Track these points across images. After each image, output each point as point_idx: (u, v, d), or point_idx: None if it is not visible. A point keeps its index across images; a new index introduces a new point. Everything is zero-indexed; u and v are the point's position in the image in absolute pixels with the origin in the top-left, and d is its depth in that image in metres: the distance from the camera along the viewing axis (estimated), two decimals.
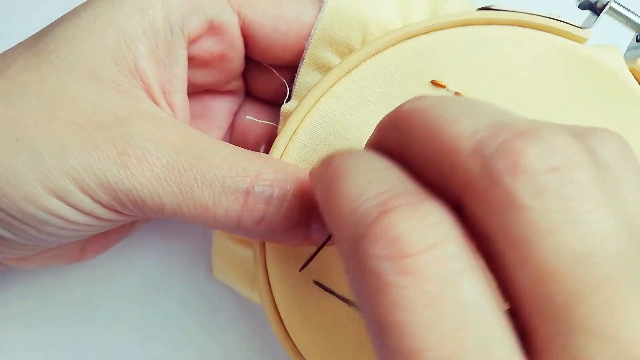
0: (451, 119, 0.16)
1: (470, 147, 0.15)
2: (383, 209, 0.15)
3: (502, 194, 0.14)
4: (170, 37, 0.25)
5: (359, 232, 0.15)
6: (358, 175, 0.17)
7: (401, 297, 0.14)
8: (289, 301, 0.29)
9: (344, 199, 0.17)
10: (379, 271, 0.14)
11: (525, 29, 0.27)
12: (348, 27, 0.27)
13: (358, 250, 0.15)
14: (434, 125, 0.17)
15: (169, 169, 0.23)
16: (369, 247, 0.15)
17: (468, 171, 0.15)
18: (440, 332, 0.14)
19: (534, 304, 0.14)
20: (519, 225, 0.14)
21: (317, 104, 0.27)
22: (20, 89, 0.23)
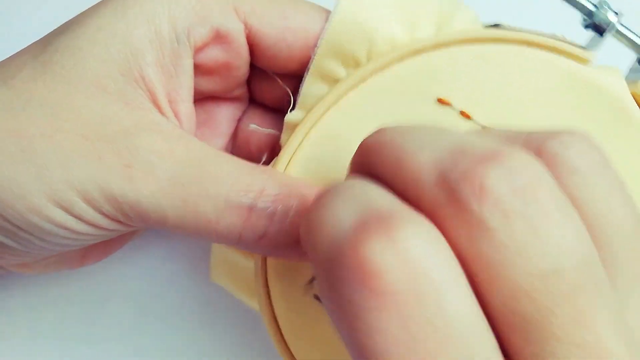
0: (412, 150, 0.17)
1: (434, 176, 0.16)
2: (355, 238, 0.15)
3: (469, 219, 0.15)
4: (176, 46, 0.25)
5: (332, 260, 0.15)
6: (336, 203, 0.17)
7: (376, 321, 0.14)
8: (289, 315, 0.29)
9: (320, 227, 0.17)
10: (352, 298, 0.15)
11: (531, 48, 0.27)
12: (354, 39, 0.27)
13: (331, 277, 0.15)
14: (397, 157, 0.17)
15: (174, 182, 0.23)
16: (342, 274, 0.15)
17: (434, 200, 0.16)
18: (425, 351, 0.14)
19: (507, 318, 0.15)
20: (488, 247, 0.15)
21: (322, 118, 0.27)
22: (26, 100, 0.23)
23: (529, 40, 0.27)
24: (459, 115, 0.27)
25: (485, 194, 0.15)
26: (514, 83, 0.27)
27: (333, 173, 0.28)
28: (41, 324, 0.34)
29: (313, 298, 0.29)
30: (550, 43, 0.27)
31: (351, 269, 0.15)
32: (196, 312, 0.34)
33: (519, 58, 0.27)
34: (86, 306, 0.34)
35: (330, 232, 0.16)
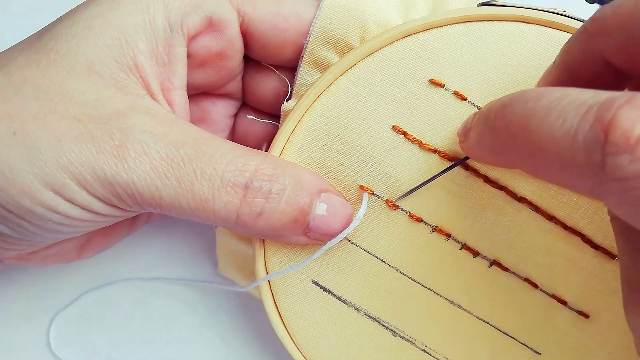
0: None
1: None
2: (605, 124, 0.16)
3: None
4: (169, 35, 0.26)
5: (596, 158, 0.16)
6: (543, 116, 0.17)
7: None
8: (289, 299, 0.28)
9: (553, 145, 0.17)
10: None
11: (528, 24, 0.26)
12: (346, 25, 0.27)
13: (610, 172, 0.15)
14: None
15: (168, 162, 0.23)
16: (621, 160, 0.15)
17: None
18: None
19: None
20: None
21: (314, 104, 0.27)
22: (19, 85, 0.23)
23: (524, 17, 0.26)
24: (453, 96, 0.26)
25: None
26: (510, 61, 0.26)
27: (327, 158, 0.27)
28: (40, 318, 0.34)
29: (312, 284, 0.28)
30: (549, 18, 0.26)
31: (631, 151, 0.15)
32: (199, 304, 0.34)
33: (514, 35, 0.26)
34: (86, 302, 0.34)
35: (565, 126, 0.16)
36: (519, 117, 0.19)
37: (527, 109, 0.19)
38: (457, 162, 0.26)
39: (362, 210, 0.26)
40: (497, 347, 0.28)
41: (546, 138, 0.17)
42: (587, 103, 0.17)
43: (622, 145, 0.15)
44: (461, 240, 0.27)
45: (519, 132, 0.19)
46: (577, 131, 0.16)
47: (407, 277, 0.28)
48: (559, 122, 0.17)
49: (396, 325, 0.28)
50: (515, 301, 0.27)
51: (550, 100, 0.18)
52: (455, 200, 0.27)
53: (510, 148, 0.19)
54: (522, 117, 0.19)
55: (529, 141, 0.18)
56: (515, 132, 0.19)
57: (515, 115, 0.19)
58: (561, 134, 0.17)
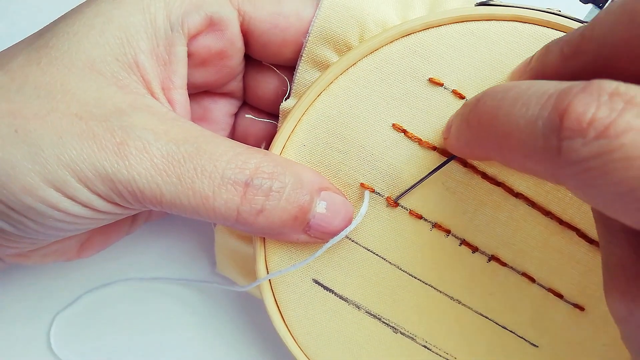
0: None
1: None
2: (561, 111, 0.16)
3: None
4: (170, 34, 0.26)
5: (552, 144, 0.16)
6: (509, 106, 0.18)
7: (631, 150, 0.15)
8: (290, 298, 0.29)
9: (517, 132, 0.18)
10: (597, 151, 0.15)
11: (524, 24, 0.26)
12: (345, 24, 0.27)
13: (565, 156, 0.16)
14: None
15: (169, 159, 0.23)
16: (574, 143, 0.16)
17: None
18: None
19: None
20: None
21: (314, 103, 0.27)
22: (20, 83, 0.23)
23: (520, 16, 0.26)
24: (452, 95, 0.27)
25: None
26: (507, 59, 0.26)
27: (327, 156, 0.27)
28: (40, 317, 0.34)
29: (313, 283, 0.28)
30: (545, 18, 0.26)
31: (581, 133, 0.16)
32: (198, 304, 0.34)
33: (511, 34, 0.26)
34: (86, 302, 0.34)
35: (526, 116, 0.17)
36: (489, 107, 0.20)
37: (497, 100, 0.20)
38: (450, 158, 0.26)
39: (364, 208, 0.27)
40: (496, 341, 0.28)
41: (511, 127, 0.18)
42: (549, 92, 0.17)
43: (575, 129, 0.16)
44: (460, 236, 0.27)
45: (489, 123, 0.20)
46: (537, 118, 0.17)
47: (408, 274, 0.28)
48: (522, 110, 0.18)
49: (397, 322, 0.29)
50: (513, 295, 0.28)
51: (517, 91, 0.19)
52: (455, 196, 0.27)
53: (483, 139, 0.21)
54: (492, 107, 0.20)
55: (497, 131, 0.19)
56: (486, 123, 0.20)
57: (486, 106, 0.20)
58: (524, 121, 0.18)
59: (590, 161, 0.16)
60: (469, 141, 0.22)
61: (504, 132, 0.19)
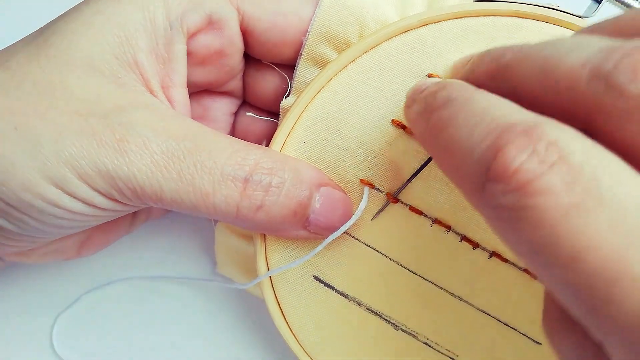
0: (557, 57, 0.17)
1: (587, 73, 0.16)
2: (497, 149, 0.16)
3: (631, 103, 0.15)
4: (169, 33, 0.26)
5: (480, 180, 0.16)
6: (461, 122, 0.18)
7: (542, 214, 0.14)
8: (290, 295, 0.29)
9: (457, 153, 0.17)
10: (511, 204, 0.15)
11: (523, 19, 0.26)
12: (345, 22, 0.27)
13: (486, 197, 0.16)
14: (541, 67, 0.18)
15: (169, 156, 0.23)
16: (495, 188, 0.15)
17: (590, 95, 0.16)
18: (598, 227, 0.14)
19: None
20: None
21: (314, 100, 0.28)
22: (20, 80, 0.23)
23: (520, 12, 0.26)
24: None
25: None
26: None
27: (327, 153, 0.27)
28: (40, 316, 0.34)
29: (314, 279, 0.28)
30: (543, 13, 0.26)
31: (503, 182, 0.15)
32: (198, 303, 0.34)
33: (510, 30, 0.26)
34: (86, 301, 0.34)
35: (466, 153, 0.17)
36: (446, 116, 0.19)
37: (455, 110, 0.19)
38: None
39: (364, 203, 0.27)
40: (498, 338, 0.28)
41: (454, 146, 0.18)
42: (497, 121, 0.17)
43: (500, 174, 0.15)
44: (461, 232, 0.27)
45: (440, 131, 0.19)
46: (475, 148, 0.17)
47: (408, 270, 0.28)
48: (467, 134, 0.17)
49: (398, 319, 0.28)
50: (515, 292, 0.28)
51: (472, 109, 0.18)
52: (455, 192, 0.27)
53: (432, 143, 0.20)
54: (446, 118, 0.19)
55: (443, 142, 0.19)
56: (438, 130, 0.19)
57: (445, 113, 0.19)
58: (466, 146, 0.17)
59: (504, 212, 0.15)
60: (421, 134, 0.21)
61: (447, 149, 0.18)
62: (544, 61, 0.18)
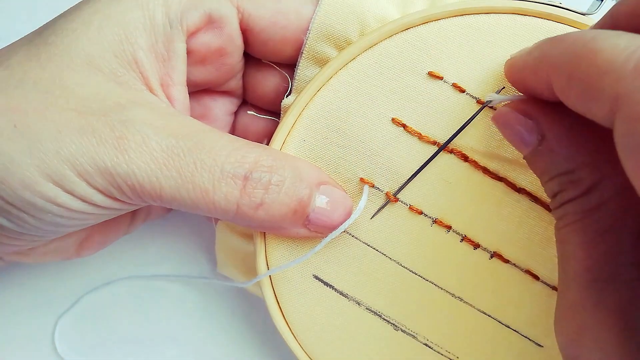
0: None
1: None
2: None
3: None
4: (169, 31, 0.26)
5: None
6: (612, 35, 0.18)
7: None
8: (290, 294, 0.28)
9: (610, 51, 0.18)
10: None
11: (525, 16, 0.26)
12: (345, 21, 0.27)
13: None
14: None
15: (169, 153, 0.23)
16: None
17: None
18: None
19: None
20: None
21: (314, 98, 0.27)
22: (19, 79, 0.23)
23: (520, 9, 0.26)
24: (452, 88, 0.26)
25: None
26: (507, 52, 0.26)
27: (327, 151, 0.27)
28: (40, 316, 0.34)
29: (313, 278, 0.28)
30: (546, 10, 0.26)
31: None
32: (198, 303, 0.34)
33: (511, 27, 0.26)
34: (87, 302, 0.34)
35: (627, 51, 0.17)
36: (590, 33, 0.19)
37: (596, 30, 0.19)
38: (443, 146, 0.26)
39: (363, 202, 0.26)
40: (499, 340, 0.28)
41: (607, 46, 0.18)
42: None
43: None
44: (462, 232, 0.27)
45: (584, 41, 0.19)
46: (636, 51, 0.17)
47: (408, 270, 0.28)
48: (626, 38, 0.18)
49: (397, 319, 0.28)
50: (516, 293, 0.27)
51: (622, 32, 0.18)
52: (456, 192, 0.27)
53: (563, 53, 0.20)
54: (593, 33, 0.19)
55: (588, 46, 0.19)
56: (580, 41, 0.19)
57: (587, 33, 0.19)
58: (624, 45, 0.17)
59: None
60: (542, 56, 0.21)
61: (595, 49, 0.18)
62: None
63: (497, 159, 0.26)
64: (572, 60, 0.19)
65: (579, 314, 0.20)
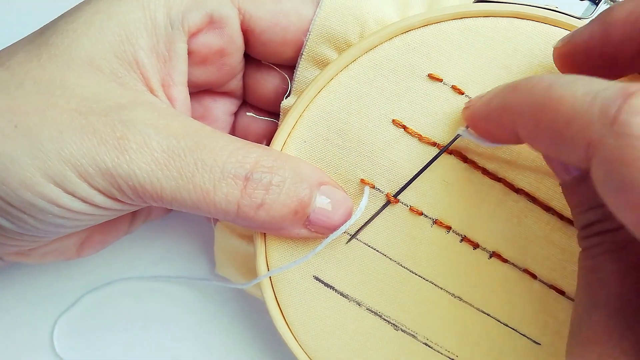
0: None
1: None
2: (626, 93, 0.17)
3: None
4: (170, 31, 0.26)
5: (609, 113, 0.17)
6: (570, 82, 0.19)
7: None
8: (290, 295, 0.28)
9: (571, 99, 0.18)
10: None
11: (522, 20, 0.27)
12: (345, 23, 0.27)
13: (617, 127, 0.17)
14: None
15: (170, 154, 0.23)
16: (631, 120, 0.17)
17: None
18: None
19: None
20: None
21: (315, 99, 0.28)
22: (20, 79, 0.23)
23: (519, 13, 0.26)
24: (451, 90, 0.27)
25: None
26: (506, 55, 0.26)
27: (328, 152, 0.27)
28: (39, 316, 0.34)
29: (314, 279, 0.28)
30: (543, 14, 0.26)
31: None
32: (197, 304, 0.34)
33: (509, 31, 0.26)
34: (86, 302, 0.34)
35: (588, 98, 0.18)
36: (545, 81, 0.20)
37: (554, 77, 0.20)
38: (446, 147, 0.27)
39: (364, 202, 0.27)
40: (498, 339, 0.28)
41: (567, 93, 0.19)
42: (608, 82, 0.18)
43: (637, 109, 0.17)
44: (461, 233, 0.27)
45: (542, 89, 0.20)
46: (599, 92, 0.18)
47: (408, 270, 0.28)
48: (583, 83, 0.19)
49: (398, 319, 0.28)
50: (514, 292, 0.28)
51: (578, 77, 0.19)
52: (455, 192, 0.27)
53: (525, 103, 0.21)
54: (549, 80, 0.20)
55: (548, 94, 0.19)
56: (538, 89, 0.20)
57: (543, 80, 0.20)
58: (583, 92, 0.18)
59: (638, 140, 0.16)
60: (503, 105, 0.22)
61: (556, 98, 0.19)
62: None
63: (496, 160, 0.27)
64: (536, 110, 0.20)
65: (603, 342, 0.20)
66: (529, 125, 0.21)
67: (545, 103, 0.19)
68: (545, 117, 0.20)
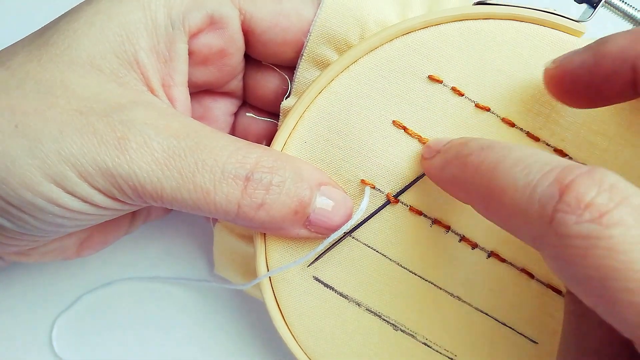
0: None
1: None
2: (562, 186, 0.17)
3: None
4: (171, 32, 0.26)
5: (547, 212, 0.18)
6: (513, 165, 0.19)
7: (616, 244, 0.16)
8: (290, 296, 0.28)
9: (512, 191, 0.19)
10: (586, 233, 0.17)
11: (521, 22, 0.27)
12: (346, 24, 0.27)
13: (555, 226, 0.17)
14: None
15: (170, 154, 0.23)
16: (567, 220, 0.17)
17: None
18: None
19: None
20: None
21: (315, 100, 0.28)
22: (20, 79, 0.23)
23: (518, 15, 0.27)
24: (451, 92, 0.27)
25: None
26: (505, 57, 0.27)
27: (328, 153, 0.28)
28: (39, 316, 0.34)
29: (313, 280, 0.28)
30: (541, 17, 0.27)
31: (577, 212, 0.17)
32: (196, 305, 0.34)
33: (508, 33, 0.27)
34: (85, 302, 0.34)
35: (527, 191, 0.18)
36: (490, 159, 0.21)
37: (499, 155, 0.21)
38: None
39: (365, 203, 0.27)
40: (496, 338, 0.28)
41: (509, 185, 0.19)
42: (552, 164, 0.19)
43: (572, 206, 0.17)
44: (460, 233, 0.28)
45: (487, 173, 0.21)
46: (537, 185, 0.18)
47: (408, 270, 0.28)
48: (523, 173, 0.19)
49: (397, 319, 0.29)
50: (512, 291, 0.28)
51: (520, 154, 0.20)
52: None
53: (473, 184, 0.21)
54: (493, 160, 0.21)
55: (492, 184, 0.20)
56: (484, 171, 0.21)
57: (489, 157, 0.21)
58: (523, 183, 0.19)
59: (576, 240, 0.17)
60: (456, 179, 0.23)
61: (499, 187, 0.20)
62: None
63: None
64: (484, 195, 0.21)
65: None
66: (479, 207, 0.22)
67: (491, 192, 0.20)
68: (491, 206, 0.20)
